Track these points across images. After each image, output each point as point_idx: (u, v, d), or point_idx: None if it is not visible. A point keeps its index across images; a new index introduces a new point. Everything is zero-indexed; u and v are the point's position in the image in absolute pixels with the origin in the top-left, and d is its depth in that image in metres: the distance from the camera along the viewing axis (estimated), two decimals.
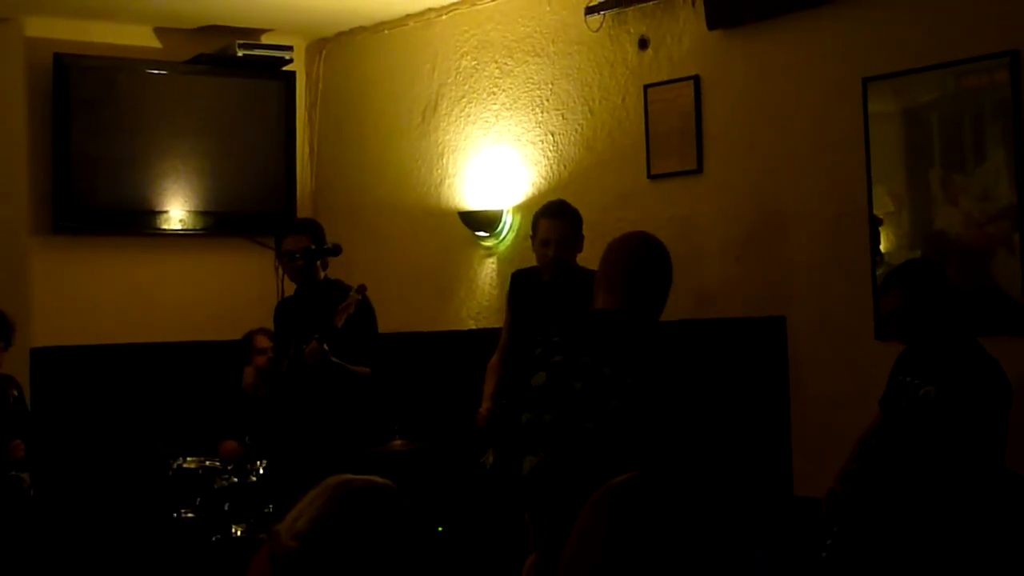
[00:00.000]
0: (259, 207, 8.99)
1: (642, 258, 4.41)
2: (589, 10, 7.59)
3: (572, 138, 7.82)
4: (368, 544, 2.48)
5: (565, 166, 7.86)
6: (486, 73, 8.35)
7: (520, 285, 6.71)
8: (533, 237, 6.53)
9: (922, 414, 4.94)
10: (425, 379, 8.33)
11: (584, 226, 6.53)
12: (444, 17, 8.59)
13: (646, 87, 7.40)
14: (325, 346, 6.47)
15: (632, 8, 7.42)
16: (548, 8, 7.95)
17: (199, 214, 8.83)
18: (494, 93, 8.30)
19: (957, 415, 4.87)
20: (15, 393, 7.08)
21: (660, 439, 4.00)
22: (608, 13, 7.53)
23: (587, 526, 2.11)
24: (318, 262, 6.78)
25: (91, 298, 8.68)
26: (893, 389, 5.29)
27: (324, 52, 9.41)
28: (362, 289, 6.60)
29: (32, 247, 8.58)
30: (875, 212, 6.39)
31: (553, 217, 6.45)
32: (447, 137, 8.59)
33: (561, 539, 2.26)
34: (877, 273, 6.27)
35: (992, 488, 4.87)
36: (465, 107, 8.48)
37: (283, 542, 2.47)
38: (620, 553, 2.04)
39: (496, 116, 8.28)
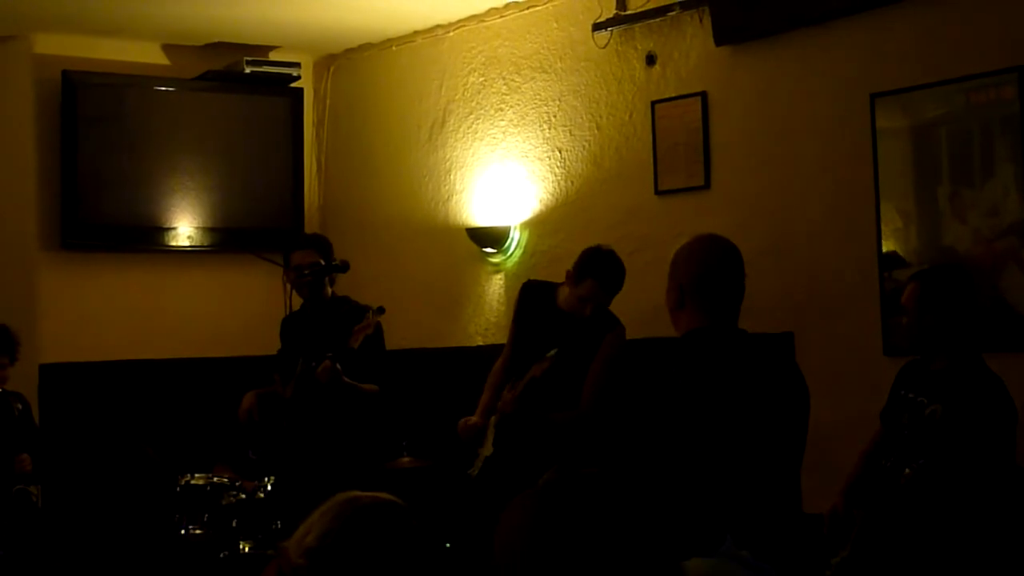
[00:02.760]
0: (267, 223, 9.00)
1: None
2: (596, 26, 7.60)
3: (579, 154, 7.82)
4: (375, 560, 2.48)
5: (572, 182, 7.86)
6: (493, 89, 8.35)
7: (530, 300, 6.55)
8: (572, 284, 6.24)
9: (930, 433, 4.92)
10: (433, 396, 8.31)
11: (591, 242, 6.49)
12: (452, 34, 8.60)
13: (653, 103, 7.40)
14: (338, 366, 6.45)
15: (639, 24, 7.43)
16: (555, 25, 7.96)
17: (207, 230, 8.84)
18: (501, 109, 8.30)
19: (966, 435, 4.85)
20: (19, 407, 7.07)
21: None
22: (615, 30, 7.54)
23: (509, 525, 2.14)
24: (326, 278, 6.77)
25: (99, 314, 8.69)
26: (894, 403, 5.26)
27: (332, 68, 9.42)
28: (380, 311, 6.55)
29: (40, 263, 8.60)
30: (883, 228, 6.38)
31: (604, 288, 6.18)
32: (455, 153, 8.60)
33: None
34: (885, 289, 6.27)
35: (1007, 506, 4.85)
36: (473, 123, 8.48)
37: (291, 558, 2.47)
38: (539, 553, 2.06)
39: (504, 132, 8.28)
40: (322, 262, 6.72)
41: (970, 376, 4.99)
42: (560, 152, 7.93)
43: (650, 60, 7.44)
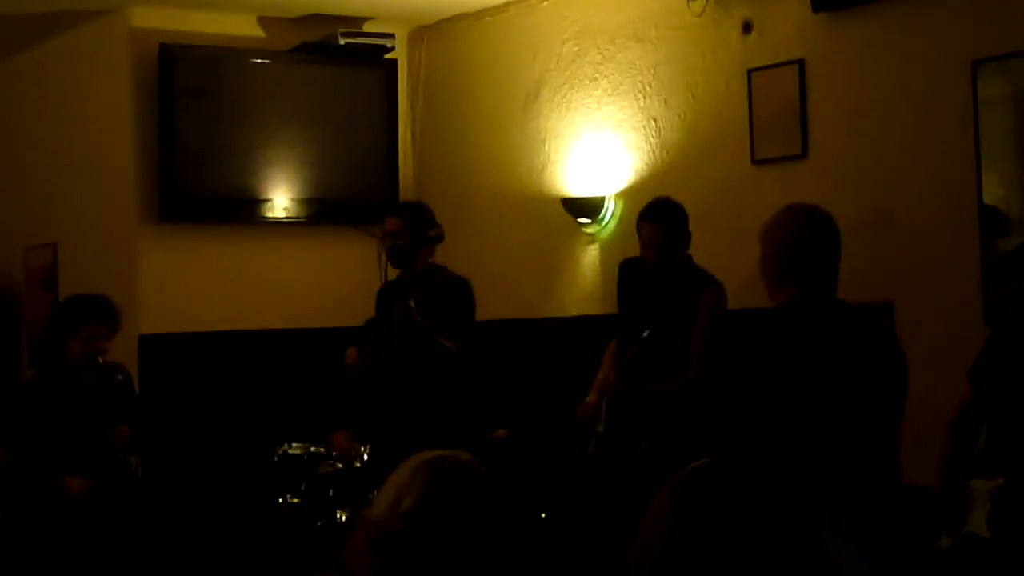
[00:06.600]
0: (362, 195, 9.03)
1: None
2: None
3: (674, 124, 7.77)
4: (473, 520, 2.48)
5: (667, 152, 7.81)
6: (588, 59, 8.31)
7: (627, 276, 6.75)
8: (639, 235, 6.55)
9: None
10: (528, 366, 8.32)
11: (687, 212, 6.51)
12: (546, 3, 8.57)
13: (749, 71, 7.33)
14: (412, 303, 6.49)
15: None
16: None
17: (303, 202, 8.89)
18: (596, 79, 8.26)
19: None
20: (119, 378, 7.13)
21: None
22: None
23: (656, 512, 2.14)
24: (418, 249, 6.77)
25: (197, 286, 8.78)
26: (988, 362, 5.13)
27: (426, 40, 9.42)
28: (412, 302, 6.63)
29: (140, 236, 8.71)
30: (984, 197, 6.28)
31: (653, 222, 6.48)
32: (549, 124, 8.57)
33: None
34: (987, 258, 6.17)
35: None
36: (567, 93, 8.45)
37: (383, 525, 2.47)
38: (683, 541, 2.06)
39: (598, 102, 8.24)
40: (407, 229, 6.72)
41: None
42: (655, 122, 7.88)
43: (746, 28, 7.37)
